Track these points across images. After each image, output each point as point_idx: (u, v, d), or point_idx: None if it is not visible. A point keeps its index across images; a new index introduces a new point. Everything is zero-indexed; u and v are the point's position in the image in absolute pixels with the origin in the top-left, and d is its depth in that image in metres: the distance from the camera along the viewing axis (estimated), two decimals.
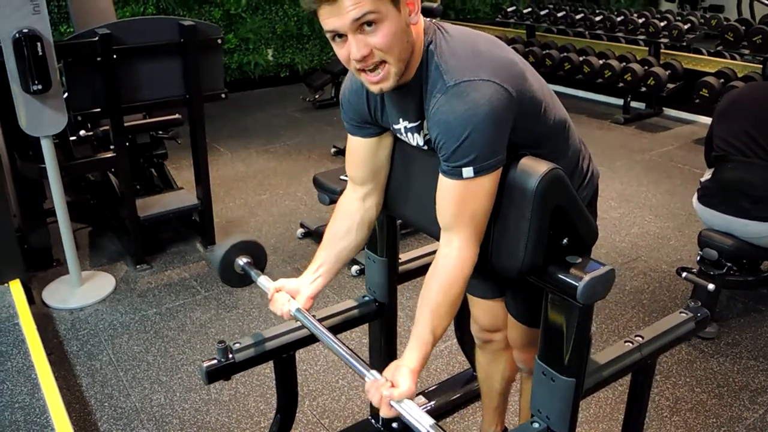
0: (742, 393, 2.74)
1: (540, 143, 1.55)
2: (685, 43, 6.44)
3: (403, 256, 2.16)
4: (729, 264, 3.02)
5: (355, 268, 3.60)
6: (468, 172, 1.40)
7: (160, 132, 4.49)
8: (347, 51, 1.38)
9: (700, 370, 2.87)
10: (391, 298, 2.10)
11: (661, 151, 5.68)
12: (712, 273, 3.00)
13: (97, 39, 3.23)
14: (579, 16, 7.35)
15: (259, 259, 1.90)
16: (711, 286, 2.95)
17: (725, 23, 6.19)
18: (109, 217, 4.18)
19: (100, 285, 3.55)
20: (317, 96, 6.88)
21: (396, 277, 2.09)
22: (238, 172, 5.24)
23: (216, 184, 4.79)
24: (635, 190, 4.84)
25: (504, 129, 1.42)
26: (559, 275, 1.43)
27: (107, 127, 3.73)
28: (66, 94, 3.30)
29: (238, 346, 1.84)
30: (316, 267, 1.76)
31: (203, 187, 3.88)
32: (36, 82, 2.96)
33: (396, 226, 1.99)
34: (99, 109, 3.41)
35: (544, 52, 7.06)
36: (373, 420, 2.41)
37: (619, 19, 6.98)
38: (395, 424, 2.27)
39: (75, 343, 3.09)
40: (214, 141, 5.88)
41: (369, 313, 2.10)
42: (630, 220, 4.36)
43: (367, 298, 2.11)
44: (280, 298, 1.72)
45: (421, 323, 1.49)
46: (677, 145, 5.83)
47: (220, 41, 3.61)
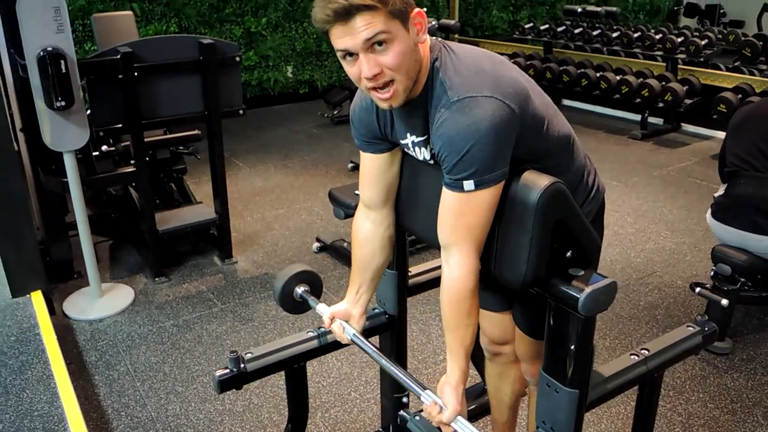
0: (756, 409, 2.73)
1: (543, 158, 1.58)
2: (702, 59, 6.44)
3: (413, 269, 2.18)
4: (743, 279, 3.02)
5: None
6: (469, 185, 1.44)
7: (180, 147, 4.57)
8: (358, 69, 1.43)
9: (713, 386, 2.87)
10: (401, 310, 2.13)
11: (679, 166, 5.67)
12: (725, 288, 3.00)
13: (119, 57, 3.32)
14: (596, 32, 7.37)
15: (316, 287, 1.99)
16: (724, 302, 2.95)
17: (743, 39, 6.20)
18: (129, 230, 4.26)
19: (120, 297, 3.62)
20: (335, 112, 6.96)
21: (406, 289, 2.12)
22: (256, 187, 5.31)
23: (234, 199, 4.87)
24: (651, 206, 4.83)
25: (505, 144, 1.45)
26: (561, 287, 1.46)
27: (128, 142, 3.81)
28: (88, 111, 3.39)
29: (249, 356, 1.87)
30: (356, 289, 1.88)
31: (221, 201, 3.95)
32: (59, 99, 3.04)
33: (405, 239, 2.02)
34: (120, 125, 3.49)
35: (561, 68, 7.09)
36: None
37: (636, 35, 7.00)
38: None
39: (94, 353, 3.15)
40: (234, 156, 5.96)
41: (379, 325, 2.13)
42: (645, 235, 4.36)
43: (377, 311, 2.14)
44: (337, 329, 1.84)
45: (449, 338, 1.61)
46: (695, 160, 5.82)
47: (238, 59, 3.68)
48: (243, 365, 1.85)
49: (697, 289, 3.10)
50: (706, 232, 4.20)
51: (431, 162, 1.61)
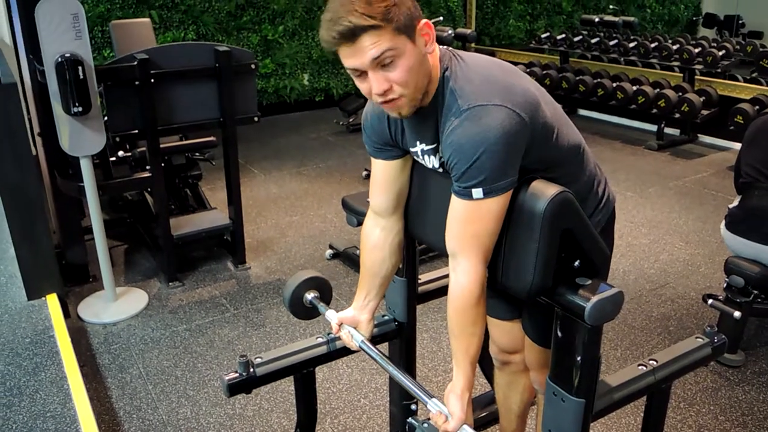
0: (767, 422, 2.71)
1: (553, 168, 1.59)
2: (719, 70, 6.41)
3: (423, 277, 2.19)
4: (756, 291, 2.99)
5: None
6: (478, 193, 1.44)
7: (195, 153, 4.62)
8: (368, 85, 1.45)
9: (724, 398, 2.85)
10: (410, 317, 2.13)
11: (695, 177, 5.64)
12: (738, 300, 2.98)
13: (135, 63, 3.36)
14: (613, 42, 7.35)
15: (326, 293, 2.00)
16: (737, 314, 2.93)
17: (761, 50, 6.16)
18: (144, 235, 4.30)
19: (134, 301, 3.65)
20: (350, 120, 6.99)
21: (415, 297, 2.13)
22: (271, 194, 5.34)
23: (249, 205, 4.91)
24: (666, 217, 4.81)
25: (515, 153, 1.46)
26: (568, 296, 1.46)
27: (144, 148, 3.85)
28: (105, 117, 3.43)
29: (259, 360, 1.89)
30: (364, 295, 1.88)
31: (235, 207, 3.97)
32: (77, 105, 3.08)
33: (415, 246, 2.03)
34: (136, 131, 3.53)
35: (578, 78, 7.08)
36: None
37: (653, 45, 6.98)
38: None
39: (107, 356, 3.18)
40: (249, 163, 6.00)
41: (388, 332, 2.13)
42: (660, 246, 4.33)
43: (386, 317, 2.14)
44: (345, 335, 1.85)
45: (454, 347, 1.61)
46: (711, 172, 5.79)
47: (253, 66, 3.71)
48: (252, 370, 1.86)
49: (710, 301, 3.08)
50: (721, 244, 4.16)
51: (440, 170, 1.62)
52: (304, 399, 2.07)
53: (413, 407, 2.22)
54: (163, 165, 3.82)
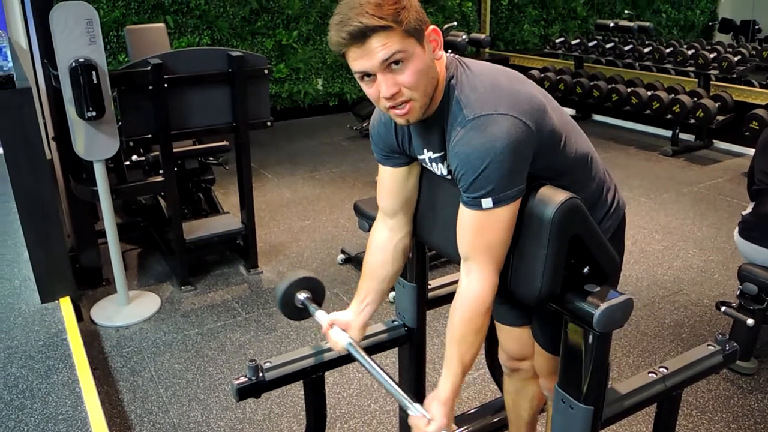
0: None
1: (562, 175, 1.58)
2: (735, 75, 6.36)
3: (433, 282, 2.19)
4: None
5: (392, 294, 3.63)
6: (487, 202, 1.44)
7: (210, 158, 4.64)
8: (377, 90, 1.45)
9: (737, 406, 2.82)
10: (420, 323, 2.13)
11: (709, 184, 5.60)
12: (751, 308, 2.95)
13: (149, 68, 3.38)
14: (627, 48, 7.32)
15: (318, 294, 1.98)
16: (750, 321, 2.91)
17: None
18: (157, 239, 4.32)
19: (146, 304, 3.67)
20: (364, 125, 6.99)
21: (425, 302, 2.13)
22: (284, 198, 5.35)
23: (261, 209, 4.92)
24: (680, 223, 4.78)
25: (522, 161, 1.45)
26: (576, 303, 1.46)
27: (158, 152, 3.87)
28: (119, 121, 3.46)
29: (268, 365, 1.89)
30: (362, 298, 1.85)
31: (247, 211, 3.99)
32: (90, 109, 3.11)
33: (425, 252, 2.03)
34: (150, 135, 3.55)
35: (592, 83, 7.06)
36: None
37: (668, 50, 6.94)
38: None
39: (119, 359, 3.19)
40: (262, 167, 6.02)
41: (398, 337, 2.14)
42: (673, 253, 4.31)
43: (396, 323, 2.15)
44: (334, 334, 1.80)
45: (449, 354, 1.57)
46: (726, 178, 5.75)
47: (266, 71, 3.73)
48: (262, 374, 1.86)
49: (723, 308, 3.05)
50: (735, 251, 4.13)
51: (449, 177, 1.62)
52: (313, 404, 2.07)
53: None
54: (176, 169, 3.84)
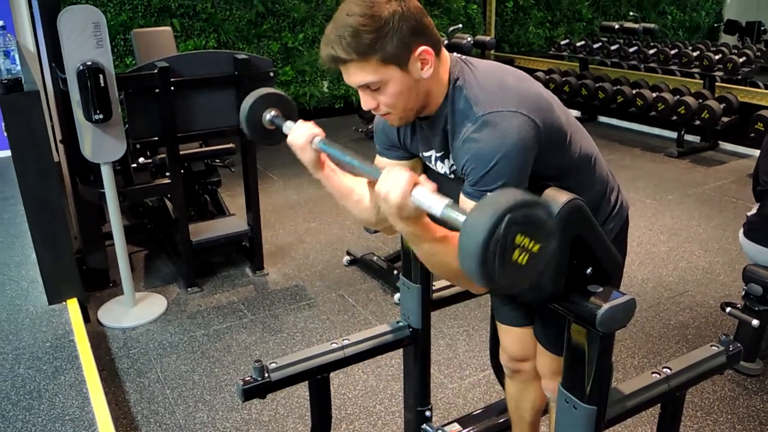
0: None
1: (566, 175, 1.60)
2: (740, 76, 6.35)
3: (437, 284, 2.20)
4: None
5: (397, 296, 3.65)
6: None
7: (215, 160, 4.66)
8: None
9: (742, 407, 2.82)
10: (424, 324, 2.14)
11: (715, 185, 5.60)
12: (756, 309, 2.95)
13: (156, 71, 3.40)
14: (632, 49, 7.32)
15: (288, 111, 1.81)
16: (755, 322, 2.91)
17: None
18: (163, 241, 4.34)
19: (153, 306, 3.69)
20: (369, 127, 7.00)
21: (430, 303, 2.14)
22: (289, 200, 5.37)
23: (267, 211, 4.94)
24: (686, 224, 4.78)
25: (530, 159, 1.47)
26: (579, 303, 1.46)
27: (164, 155, 3.90)
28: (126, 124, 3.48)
29: (274, 365, 1.90)
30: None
31: (253, 213, 4.01)
32: (98, 112, 3.13)
33: None
34: (156, 138, 3.57)
35: (597, 85, 7.05)
36: None
37: (673, 52, 6.94)
38: None
39: (126, 360, 3.21)
40: (268, 169, 6.04)
41: (402, 338, 2.14)
42: (679, 254, 4.31)
43: (401, 324, 2.15)
44: (303, 126, 1.68)
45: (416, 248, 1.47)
46: (731, 179, 5.74)
47: (272, 74, 3.74)
48: (267, 375, 1.87)
49: (728, 309, 3.06)
50: (741, 252, 4.12)
51: (451, 176, 1.63)
52: (318, 404, 2.08)
53: (428, 413, 2.22)
54: (182, 171, 3.86)
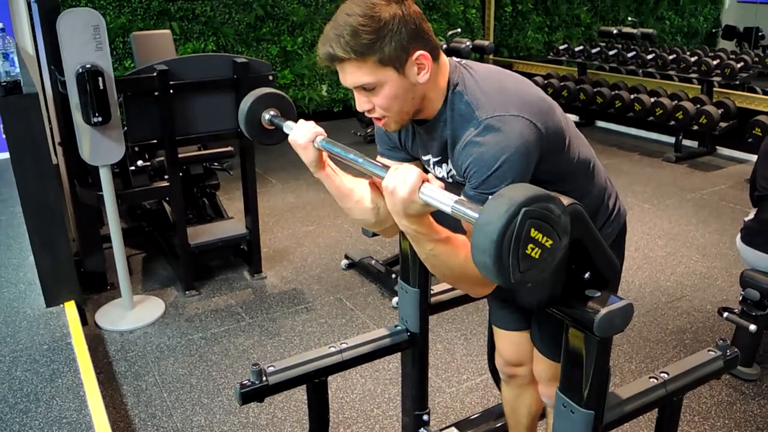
0: None
1: (564, 180, 1.60)
2: (738, 82, 6.37)
3: (436, 288, 2.20)
4: None
5: (396, 299, 3.66)
6: None
7: (215, 164, 4.66)
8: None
9: (739, 412, 2.83)
10: (422, 328, 2.14)
11: (713, 190, 5.61)
12: (754, 314, 2.96)
13: (155, 74, 3.40)
14: (631, 54, 7.33)
15: (287, 112, 1.81)
16: (752, 327, 2.91)
17: None
18: (161, 244, 4.34)
19: (151, 309, 3.69)
20: (368, 131, 7.01)
21: (428, 307, 2.14)
22: (288, 203, 5.37)
23: (266, 214, 4.94)
24: (683, 229, 4.79)
25: (532, 162, 1.48)
26: (577, 308, 1.47)
27: (163, 158, 3.90)
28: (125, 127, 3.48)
29: (272, 369, 1.90)
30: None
31: (251, 217, 4.01)
32: (97, 115, 3.13)
33: None
34: (155, 141, 3.58)
35: (595, 90, 7.07)
36: None
37: (671, 57, 6.95)
38: None
39: (123, 363, 3.21)
40: (267, 173, 6.05)
41: (400, 342, 2.14)
42: (676, 259, 4.31)
43: (399, 328, 2.15)
44: (305, 125, 1.67)
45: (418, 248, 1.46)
46: (729, 184, 5.75)
47: (271, 78, 3.75)
48: (265, 378, 1.87)
49: (725, 314, 3.06)
50: (738, 257, 4.12)
51: (449, 180, 1.64)
52: (316, 408, 2.08)
53: (425, 417, 2.22)
54: (181, 174, 3.86)
